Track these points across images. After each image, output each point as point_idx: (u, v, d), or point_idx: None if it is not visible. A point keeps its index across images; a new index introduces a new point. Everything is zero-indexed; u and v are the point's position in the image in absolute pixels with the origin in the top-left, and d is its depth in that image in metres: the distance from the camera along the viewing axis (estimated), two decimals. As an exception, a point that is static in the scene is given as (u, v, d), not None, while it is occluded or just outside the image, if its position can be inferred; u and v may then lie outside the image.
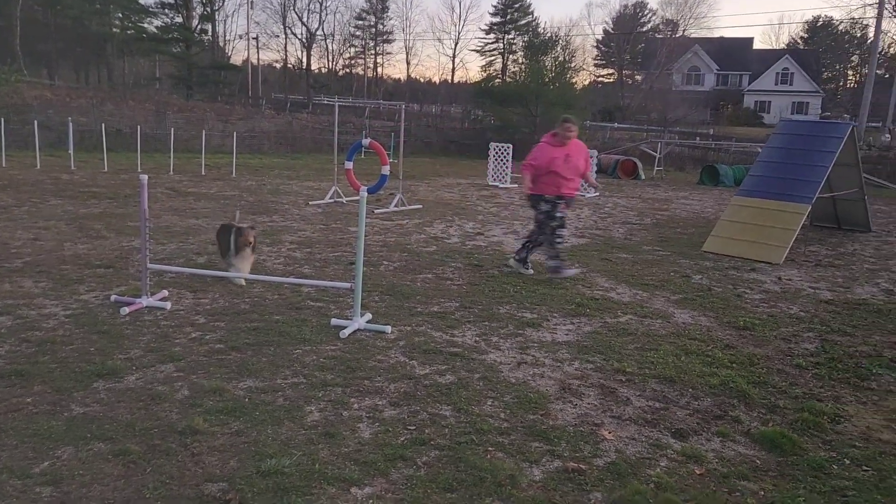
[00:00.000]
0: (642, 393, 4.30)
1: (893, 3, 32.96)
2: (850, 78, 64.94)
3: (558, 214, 7.07)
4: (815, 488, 3.25)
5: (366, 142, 11.83)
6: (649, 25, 64.18)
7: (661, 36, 60.63)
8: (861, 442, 3.78)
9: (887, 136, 36.26)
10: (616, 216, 12.38)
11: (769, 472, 3.40)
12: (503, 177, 16.79)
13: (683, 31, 59.23)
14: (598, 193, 15.07)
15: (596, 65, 66.47)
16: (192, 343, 4.76)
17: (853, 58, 63.51)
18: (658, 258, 8.70)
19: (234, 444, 3.36)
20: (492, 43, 55.76)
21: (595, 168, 19.25)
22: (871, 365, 5.03)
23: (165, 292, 5.86)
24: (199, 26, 41.86)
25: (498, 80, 32.92)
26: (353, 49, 57.87)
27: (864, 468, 3.49)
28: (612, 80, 63.93)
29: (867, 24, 55.12)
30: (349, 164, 11.75)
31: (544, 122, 26.16)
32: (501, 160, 16.80)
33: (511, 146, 16.89)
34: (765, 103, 56.71)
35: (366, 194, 5.35)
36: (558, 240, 7.16)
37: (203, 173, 16.25)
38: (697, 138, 33.18)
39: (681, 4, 59.60)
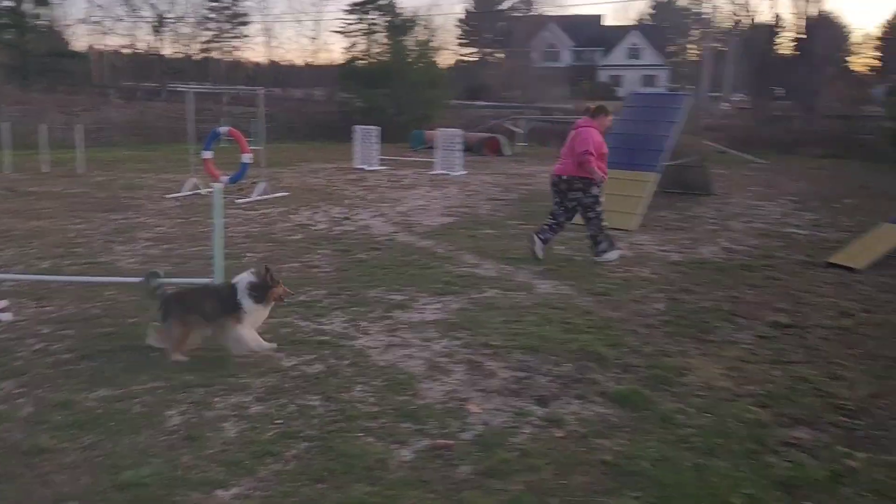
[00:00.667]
0: (507, 364, 4.45)
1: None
2: (691, 51, 69.50)
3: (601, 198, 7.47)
4: (664, 438, 3.51)
5: (224, 129, 11.35)
6: (508, 4, 65.61)
7: (518, 14, 62.19)
8: (703, 391, 4.12)
9: (726, 104, 39.26)
10: (482, 193, 12.67)
11: (624, 427, 3.63)
12: (371, 160, 16.71)
13: (538, 9, 61.04)
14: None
15: (459, 44, 67.24)
16: (35, 355, 4.42)
17: (693, 32, 67.93)
18: (523, 232, 8.97)
19: (86, 458, 3.17)
20: (354, 23, 55.12)
21: (462, 146, 19.60)
22: (712, 319, 5.47)
23: (5, 302, 5.39)
24: (32, 10, 38.35)
25: (362, 62, 32.56)
26: (208, 32, 55.16)
27: (706, 415, 3.80)
28: (475, 59, 64.93)
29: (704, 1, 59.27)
30: (208, 154, 11.26)
31: (409, 103, 26.23)
32: (368, 143, 16.70)
33: (378, 128, 16.81)
34: (618, 77, 59.66)
35: (221, 185, 5.15)
36: (604, 221, 7.44)
37: (46, 170, 15.02)
38: (558, 114, 34.47)
39: (537, -19, 61.33)
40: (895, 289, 6.46)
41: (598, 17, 66.26)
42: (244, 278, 4.36)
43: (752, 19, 36.65)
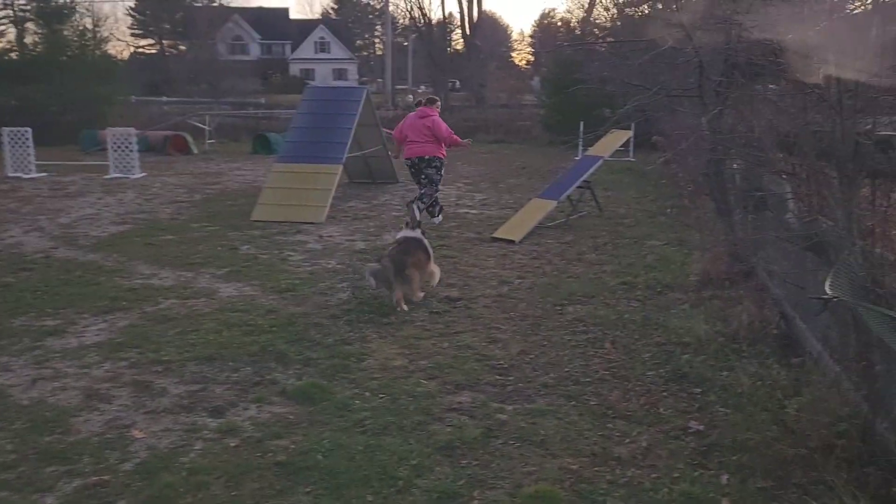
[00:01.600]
0: (181, 379, 4.18)
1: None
2: (378, 46, 72.62)
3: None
4: (340, 426, 3.58)
5: None
6: (185, -6, 61.95)
7: (199, 4, 59.11)
8: (380, 373, 4.29)
9: (410, 96, 41.73)
10: (164, 196, 11.80)
11: (301, 424, 3.63)
12: (27, 166, 14.56)
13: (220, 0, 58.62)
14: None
15: (133, 35, 61.82)
16: None
17: (378, 27, 70.98)
18: (206, 234, 8.56)
19: None
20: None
21: (144, 147, 18.06)
22: (390, 302, 5.73)
23: None
24: None
25: (14, 55, 28.17)
26: None
27: (381, 396, 3.96)
28: (154, 51, 60.31)
29: (383, -2, 62.05)
30: None
31: (76, 101, 23.41)
32: (22, 147, 14.51)
33: (29, 129, 14.64)
34: (309, 71, 60.00)
35: None
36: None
37: None
38: (251, 108, 33.56)
39: (212, -28, 58.68)
40: (542, 255, 7.42)
41: (285, 10, 65.88)
42: (417, 233, 5.94)
43: (428, 17, 39.31)
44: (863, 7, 3.00)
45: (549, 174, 14.74)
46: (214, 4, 57.34)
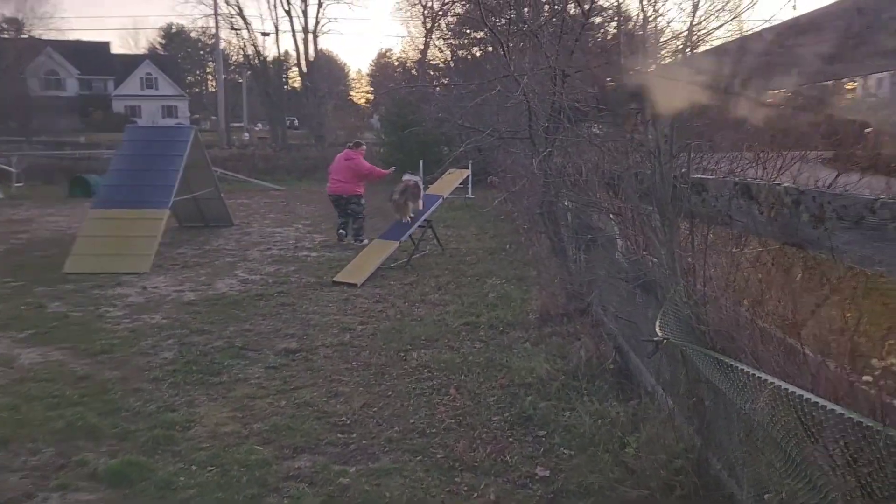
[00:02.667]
0: (-40, 472, 3.54)
1: (231, 20, 36.67)
2: (211, 83, 70.14)
3: None
4: (161, 510, 3.17)
5: None
6: (-11, 24, 56.51)
7: (5, 36, 54.13)
8: (209, 441, 3.89)
9: (247, 134, 40.57)
10: (-42, 248, 10.40)
11: (113, 511, 3.17)
12: None
13: (29, 32, 54.05)
14: None
15: (-75, 67, 55.27)
16: None
17: (210, 64, 68.64)
18: (9, 291, 7.59)
19: None
20: None
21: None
22: (222, 358, 5.31)
23: None
24: None
25: None
26: None
27: (209, 468, 3.58)
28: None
29: (214, 34, 60.17)
30: None
31: None
32: None
33: None
34: (135, 108, 56.63)
35: None
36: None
37: None
38: (69, 147, 30.95)
39: (20, 2, 54.09)
40: (385, 297, 7.28)
41: (105, 45, 61.88)
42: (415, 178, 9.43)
43: (262, 55, 38.56)
44: (674, 59, 3.17)
45: (391, 213, 14.74)
46: (24, 37, 52.82)
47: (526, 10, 7.12)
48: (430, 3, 32.99)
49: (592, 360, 4.54)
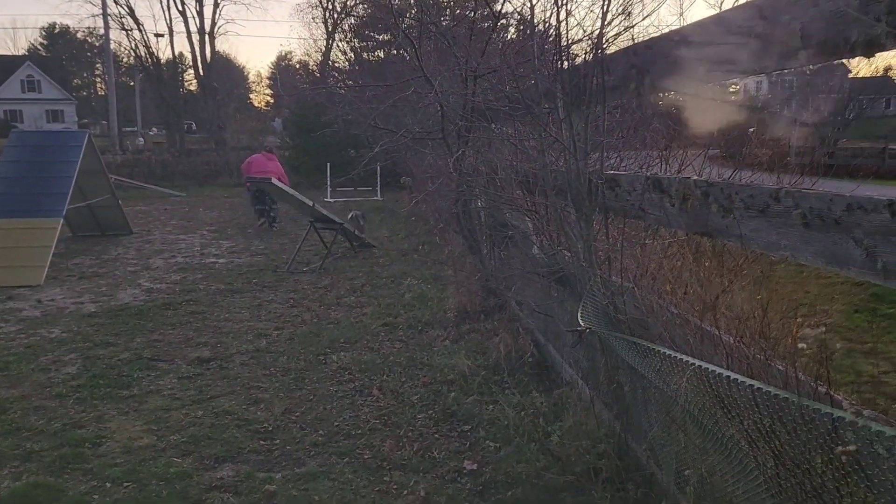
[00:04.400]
0: None
1: (122, 20, 34.99)
2: (100, 86, 66.64)
3: None
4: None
5: None
6: None
7: None
8: (123, 457, 3.72)
9: (141, 139, 38.83)
10: None
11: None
12: None
13: None
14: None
15: None
16: None
17: (98, 66, 65.21)
18: None
19: None
20: None
21: None
22: (131, 370, 5.08)
23: None
24: None
25: None
26: None
27: (126, 484, 3.43)
28: None
29: (101, 35, 57.22)
30: None
31: None
32: None
33: None
34: (16, 112, 53.00)
35: None
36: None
37: None
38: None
39: None
40: (299, 302, 7.16)
41: (-18, 45, 57.68)
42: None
43: (156, 57, 37.00)
44: (585, 57, 3.30)
45: (299, 216, 14.51)
46: None
47: (433, 11, 7.20)
48: (330, 6, 32.65)
49: (511, 354, 4.65)
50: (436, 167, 7.45)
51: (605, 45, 2.95)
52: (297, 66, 45.87)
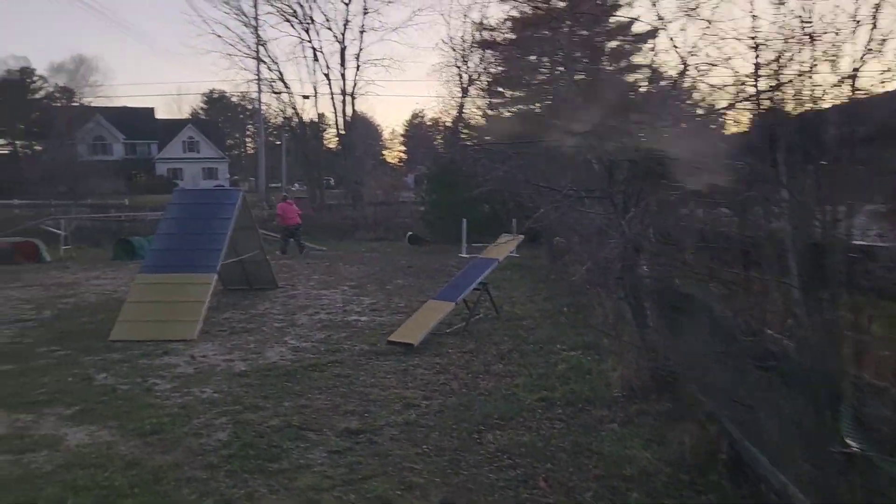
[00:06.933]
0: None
1: (272, 84, 37.49)
2: (250, 145, 71.64)
3: None
4: None
5: None
6: (42, 93, 58.94)
7: (57, 104, 56.27)
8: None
9: (285, 194, 40.94)
10: (4, 313, 10.26)
11: None
12: None
13: (81, 99, 56.08)
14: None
15: (-19, 135, 57.57)
16: None
17: (249, 127, 70.25)
18: (55, 361, 7.31)
19: None
20: None
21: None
22: (281, 440, 4.88)
23: None
24: None
25: None
26: None
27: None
28: (6, 152, 56.38)
29: (254, 98, 61.84)
30: None
31: None
32: None
33: None
34: (177, 170, 57.91)
35: None
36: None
37: None
38: (112, 210, 31.47)
39: (72, 72, 56.32)
40: (446, 368, 6.81)
41: (150, 110, 63.84)
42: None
43: (300, 116, 39.19)
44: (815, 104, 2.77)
45: (437, 273, 14.39)
46: (75, 104, 54.84)
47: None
48: (465, 66, 33.28)
49: (699, 448, 4.01)
50: (587, 227, 6.96)
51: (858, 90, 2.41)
52: (429, 123, 47.12)
